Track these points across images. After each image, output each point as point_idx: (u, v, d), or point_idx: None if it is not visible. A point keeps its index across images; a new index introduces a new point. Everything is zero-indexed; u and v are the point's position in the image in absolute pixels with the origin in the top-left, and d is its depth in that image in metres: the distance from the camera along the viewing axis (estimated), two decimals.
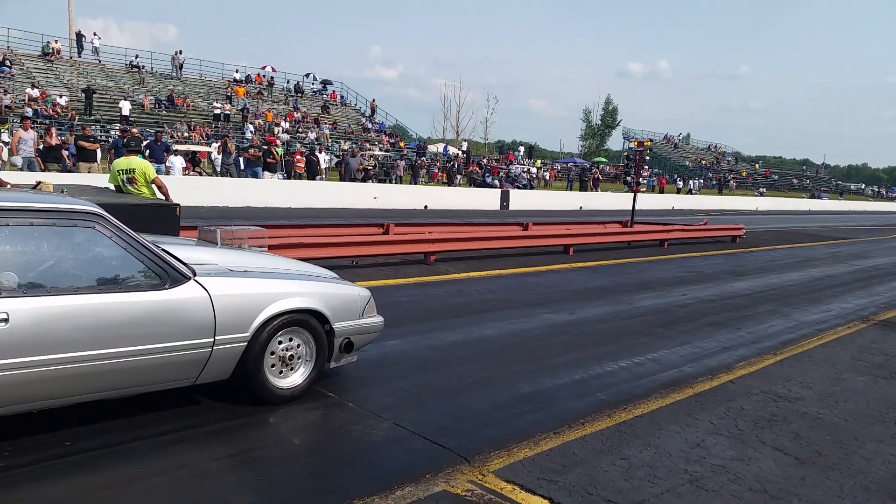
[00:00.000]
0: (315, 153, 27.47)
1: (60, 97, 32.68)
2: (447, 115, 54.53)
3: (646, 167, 18.68)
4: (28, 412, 3.61)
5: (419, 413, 4.48)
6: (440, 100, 67.66)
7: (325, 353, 4.63)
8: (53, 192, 5.89)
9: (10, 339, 3.31)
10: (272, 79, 48.46)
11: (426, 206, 23.37)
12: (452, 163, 39.13)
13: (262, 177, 21.16)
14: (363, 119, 48.97)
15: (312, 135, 39.07)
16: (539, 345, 6.42)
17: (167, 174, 19.13)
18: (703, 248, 15.88)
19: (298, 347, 4.50)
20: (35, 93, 31.66)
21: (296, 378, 4.49)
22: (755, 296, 9.91)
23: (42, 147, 18.16)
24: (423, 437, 4.07)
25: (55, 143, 18.61)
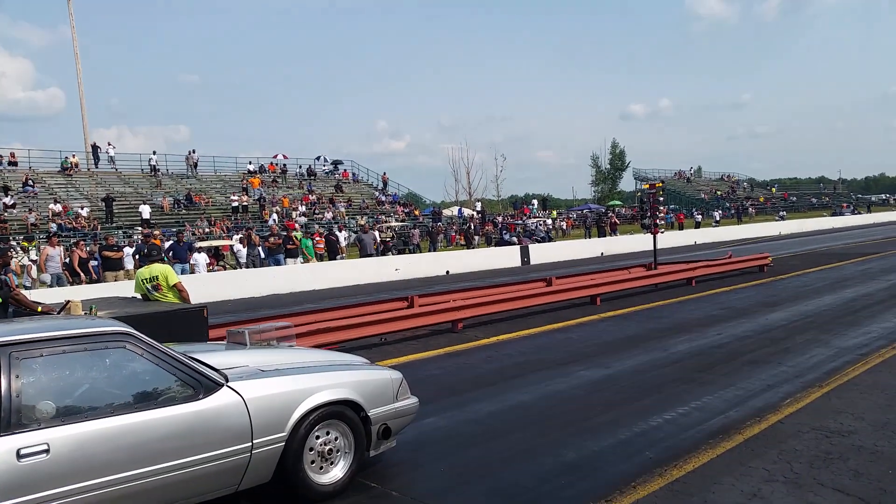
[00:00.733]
0: (334, 232, 27.81)
1: (82, 209, 33.64)
2: (458, 178, 55.16)
3: (661, 207, 18.66)
4: None
5: (465, 496, 4.39)
6: (449, 163, 68.36)
7: (364, 443, 4.60)
8: (83, 312, 6.02)
9: (52, 469, 3.34)
10: (285, 166, 49.58)
11: (448, 272, 23.42)
12: (468, 224, 39.39)
13: (285, 263, 21.42)
14: (376, 192, 49.73)
15: (329, 214, 39.67)
16: (578, 405, 6.31)
17: (192, 272, 19.43)
18: (732, 282, 15.68)
19: (336, 440, 4.47)
20: (58, 207, 32.63)
21: (336, 472, 4.45)
22: (791, 326, 9.72)
23: (69, 261, 18.61)
24: None
25: (84, 257, 19.07)
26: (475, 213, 45.83)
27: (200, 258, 21.38)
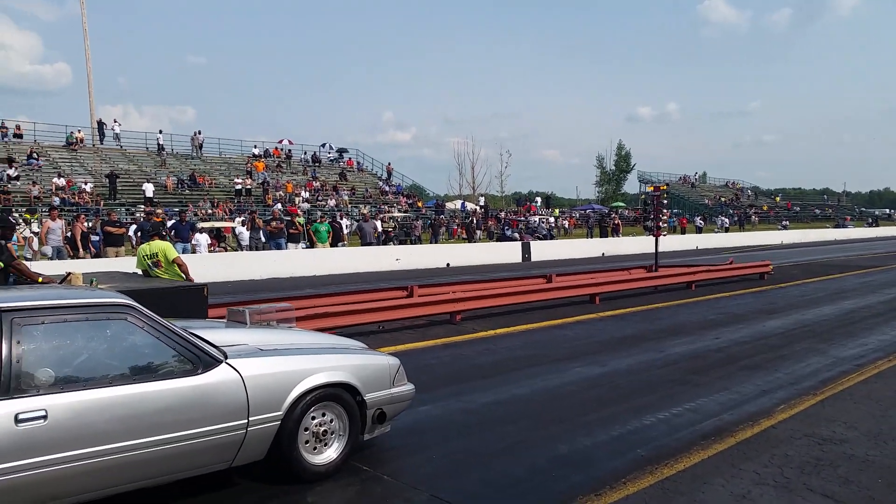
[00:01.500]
0: (337, 220, 27.82)
1: (86, 184, 33.65)
2: (462, 172, 55.22)
3: (665, 210, 18.65)
4: None
5: (456, 482, 4.41)
6: (454, 157, 68.47)
7: (359, 426, 4.62)
8: (83, 284, 6.03)
9: (50, 435, 3.37)
10: (290, 151, 49.58)
11: (448, 264, 23.44)
12: (471, 218, 39.36)
13: (286, 248, 21.44)
14: (380, 182, 49.72)
15: (332, 202, 39.67)
16: (573, 401, 6.33)
17: (193, 252, 19.46)
18: (732, 288, 15.69)
19: (332, 422, 4.50)
20: (61, 182, 32.63)
21: (330, 453, 4.48)
22: (789, 334, 9.73)
23: (70, 235, 18.62)
24: None
25: (84, 230, 19.08)
26: (478, 208, 45.84)
27: (202, 238, 21.41)
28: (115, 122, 44.03)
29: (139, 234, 19.29)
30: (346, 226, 30.74)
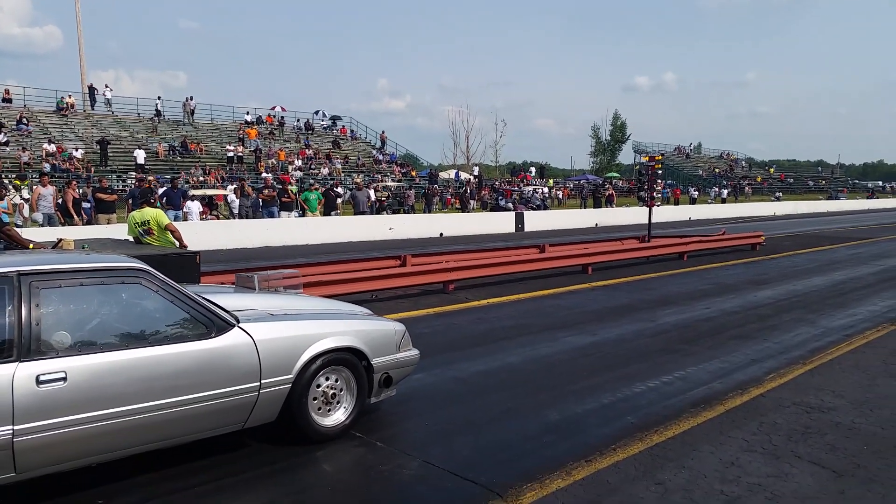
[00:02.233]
0: (333, 189, 27.68)
1: (76, 150, 33.32)
2: (457, 141, 55.02)
3: (659, 181, 18.64)
4: (82, 468, 3.64)
5: (448, 449, 4.46)
6: (449, 126, 67.64)
7: (366, 390, 4.73)
8: (75, 249, 6.00)
9: (69, 397, 3.42)
10: (282, 118, 49.10)
11: (441, 234, 23.43)
12: (465, 188, 39.25)
13: (279, 216, 21.36)
14: (374, 151, 49.42)
15: (325, 170, 39.45)
16: (564, 369, 6.38)
17: (185, 220, 19.36)
18: (723, 259, 15.74)
19: (340, 386, 4.60)
20: (52, 148, 32.28)
21: (339, 416, 4.59)
22: (779, 304, 9.80)
23: (62, 202, 18.47)
24: (454, 474, 4.04)
25: (76, 197, 18.92)
26: (472, 178, 45.68)
27: (194, 206, 21.29)
28: (107, 87, 43.49)
29: (130, 202, 19.17)
30: (340, 194, 30.64)
